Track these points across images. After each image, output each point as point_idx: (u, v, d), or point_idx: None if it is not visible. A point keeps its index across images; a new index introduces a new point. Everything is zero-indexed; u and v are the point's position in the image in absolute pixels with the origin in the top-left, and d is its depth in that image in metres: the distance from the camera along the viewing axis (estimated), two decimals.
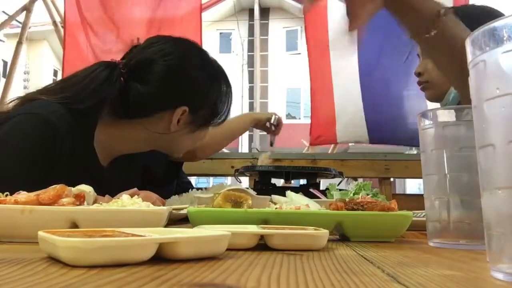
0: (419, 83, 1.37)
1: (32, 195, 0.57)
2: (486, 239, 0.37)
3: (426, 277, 0.35)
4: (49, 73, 12.26)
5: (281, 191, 0.86)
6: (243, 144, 12.00)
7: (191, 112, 1.08)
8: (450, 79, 0.95)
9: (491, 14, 1.22)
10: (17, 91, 3.03)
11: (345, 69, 2.68)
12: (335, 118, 2.67)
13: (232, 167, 2.17)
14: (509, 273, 0.33)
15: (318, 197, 1.13)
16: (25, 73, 10.12)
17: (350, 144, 2.64)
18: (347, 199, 0.71)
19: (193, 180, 1.81)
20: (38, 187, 0.60)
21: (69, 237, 0.36)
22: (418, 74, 1.36)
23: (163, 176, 1.43)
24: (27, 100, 1.01)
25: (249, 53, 12.57)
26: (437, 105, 1.37)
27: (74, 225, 0.54)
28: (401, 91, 2.55)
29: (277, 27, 13.31)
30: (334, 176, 1.48)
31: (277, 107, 13.07)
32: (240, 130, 1.58)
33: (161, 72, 1.05)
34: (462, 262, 0.46)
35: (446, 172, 0.61)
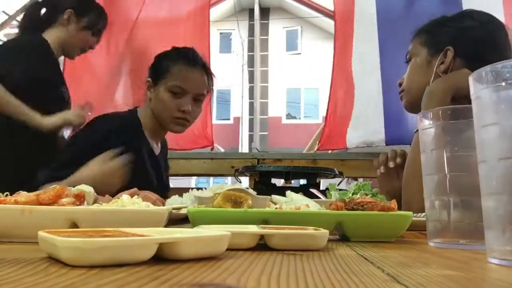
0: (399, 92, 1.31)
1: (32, 195, 0.57)
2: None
3: (426, 277, 0.35)
4: None
5: (281, 191, 0.86)
6: (243, 144, 11.99)
7: (77, 15, 1.70)
8: None
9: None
10: None
11: (367, 58, 2.40)
12: (349, 120, 2.39)
13: (232, 167, 2.17)
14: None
15: (318, 197, 1.13)
16: None
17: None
18: (347, 199, 0.71)
19: (193, 180, 1.81)
20: None
21: (69, 237, 0.36)
22: (399, 84, 1.30)
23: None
24: None
25: (249, 53, 12.55)
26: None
27: (74, 225, 0.54)
28: None
29: (277, 27, 13.30)
30: (334, 176, 1.48)
31: (277, 107, 13.07)
32: None
33: None
34: (462, 262, 0.46)
35: (446, 172, 0.61)
